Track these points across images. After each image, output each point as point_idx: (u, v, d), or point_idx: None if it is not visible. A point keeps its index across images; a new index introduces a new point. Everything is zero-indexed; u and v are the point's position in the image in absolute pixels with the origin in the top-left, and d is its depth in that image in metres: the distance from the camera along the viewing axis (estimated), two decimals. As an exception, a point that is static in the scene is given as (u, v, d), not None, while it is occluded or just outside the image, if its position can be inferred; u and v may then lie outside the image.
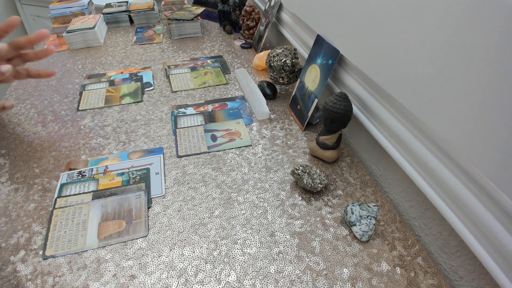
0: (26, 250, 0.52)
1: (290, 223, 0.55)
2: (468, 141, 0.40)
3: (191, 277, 0.48)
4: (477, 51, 0.37)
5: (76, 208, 0.57)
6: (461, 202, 0.43)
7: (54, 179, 0.64)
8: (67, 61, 1.11)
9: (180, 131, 0.76)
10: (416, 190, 0.55)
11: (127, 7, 1.40)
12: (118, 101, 0.88)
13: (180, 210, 0.58)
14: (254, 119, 0.80)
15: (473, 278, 0.46)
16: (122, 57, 1.13)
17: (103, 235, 0.53)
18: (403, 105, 0.51)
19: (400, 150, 0.54)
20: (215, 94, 0.90)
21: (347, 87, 0.69)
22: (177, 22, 1.23)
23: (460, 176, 0.43)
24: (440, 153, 0.46)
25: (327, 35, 0.72)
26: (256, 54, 1.08)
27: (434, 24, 0.42)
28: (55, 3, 1.37)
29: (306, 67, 0.77)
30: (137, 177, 0.63)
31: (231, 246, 0.52)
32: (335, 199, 0.59)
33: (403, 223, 0.55)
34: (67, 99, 0.90)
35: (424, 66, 0.45)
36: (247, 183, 0.63)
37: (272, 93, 0.87)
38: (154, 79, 0.98)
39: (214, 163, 0.68)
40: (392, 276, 0.47)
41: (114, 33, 1.32)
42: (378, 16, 0.53)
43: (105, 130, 0.78)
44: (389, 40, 0.51)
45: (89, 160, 0.68)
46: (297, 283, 0.47)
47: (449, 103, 0.42)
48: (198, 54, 1.13)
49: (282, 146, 0.72)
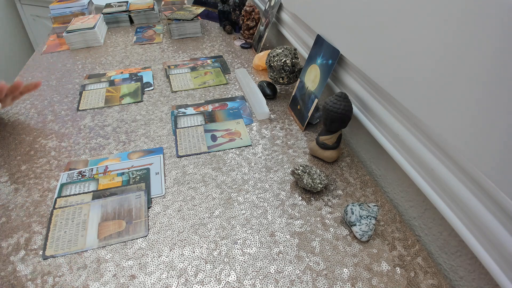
0: (26, 250, 0.52)
1: (290, 223, 0.55)
2: (468, 141, 0.40)
3: (191, 277, 0.48)
4: (478, 50, 0.37)
5: (76, 208, 0.57)
6: (461, 202, 0.43)
7: (54, 179, 0.64)
8: (67, 61, 1.11)
9: (180, 131, 0.76)
10: (416, 190, 0.55)
11: (127, 7, 1.40)
12: (118, 101, 0.88)
13: (180, 210, 0.58)
14: (254, 119, 0.80)
15: (473, 278, 0.46)
16: (122, 57, 1.13)
17: (103, 235, 0.53)
18: (403, 105, 0.51)
19: (400, 150, 0.54)
20: (215, 94, 0.90)
21: (347, 87, 0.69)
22: (177, 22, 1.23)
23: (460, 176, 0.43)
24: (440, 153, 0.46)
25: (327, 35, 0.72)
26: (256, 54, 1.08)
27: (434, 24, 0.42)
28: (55, 3, 1.37)
29: (306, 67, 0.77)
30: (137, 177, 0.63)
31: (231, 246, 0.52)
32: (335, 199, 0.59)
33: (403, 223, 0.55)
34: (67, 99, 0.90)
35: (424, 66, 0.45)
36: (247, 183, 0.63)
37: (272, 93, 0.87)
38: (154, 79, 0.99)
39: (214, 163, 0.68)
40: (392, 276, 0.47)
41: (114, 33, 1.32)
42: (378, 16, 0.53)
43: (105, 130, 0.78)
44: (389, 40, 0.51)
45: (89, 160, 0.68)
46: (297, 283, 0.47)
47: (449, 103, 0.42)
48: (198, 54, 1.13)
49: (282, 146, 0.72)
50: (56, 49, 1.19)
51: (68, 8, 1.35)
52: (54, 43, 1.24)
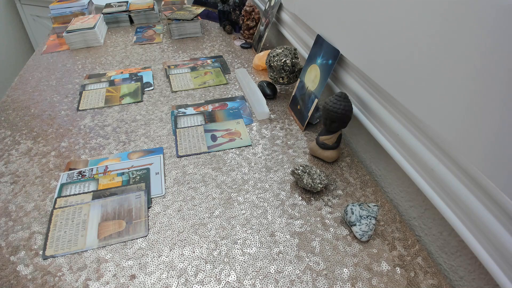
0: (26, 250, 0.52)
1: (290, 223, 0.55)
2: (468, 140, 0.40)
3: (191, 277, 0.48)
4: (479, 51, 0.37)
5: (76, 208, 0.57)
6: (461, 202, 0.43)
7: (54, 179, 0.64)
8: (67, 61, 1.11)
9: (180, 131, 0.76)
10: (416, 190, 0.55)
11: (127, 7, 1.40)
12: (118, 101, 0.88)
13: (180, 210, 0.58)
14: (254, 119, 0.80)
15: (473, 278, 0.46)
16: (122, 57, 1.13)
17: (103, 235, 0.53)
18: (403, 105, 0.51)
19: (400, 150, 0.54)
20: (215, 94, 0.90)
21: (347, 87, 0.69)
22: (177, 22, 1.23)
23: (460, 176, 0.43)
24: (440, 153, 0.46)
25: (327, 35, 0.72)
26: (256, 54, 1.08)
27: (434, 24, 0.42)
28: (55, 3, 1.37)
29: (306, 67, 0.77)
30: (137, 177, 0.63)
31: (231, 246, 0.52)
32: (335, 199, 0.59)
33: (403, 223, 0.55)
34: (67, 99, 0.90)
35: (424, 65, 0.45)
36: (247, 183, 0.63)
37: (272, 93, 0.87)
38: (154, 79, 0.98)
39: (214, 163, 0.68)
40: (392, 276, 0.47)
41: (114, 33, 1.32)
42: (378, 16, 0.53)
43: (105, 130, 0.78)
44: (389, 40, 0.51)
45: (89, 160, 0.68)
46: (297, 283, 0.47)
47: (449, 103, 0.42)
48: (198, 54, 1.13)
49: (282, 146, 0.72)
50: (56, 49, 1.19)
51: (68, 8, 1.35)
52: (54, 43, 1.24)
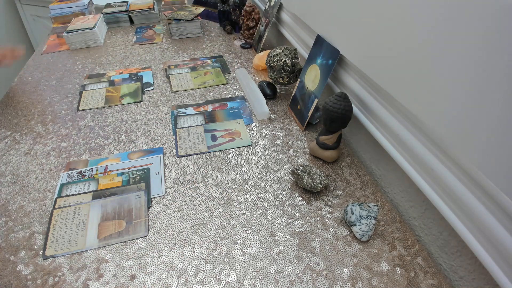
0: (26, 250, 0.52)
1: (290, 223, 0.55)
2: (468, 140, 0.40)
3: (191, 277, 0.48)
4: (479, 51, 0.37)
5: (76, 208, 0.57)
6: (461, 202, 0.43)
7: (54, 179, 0.64)
8: (67, 61, 1.11)
9: (180, 131, 0.76)
10: (416, 190, 0.55)
11: (127, 7, 1.40)
12: (118, 101, 0.88)
13: (180, 210, 0.58)
14: (254, 119, 0.80)
15: (473, 278, 0.46)
16: (122, 57, 1.13)
17: (103, 235, 0.53)
18: (403, 105, 0.51)
19: (400, 150, 0.54)
20: (215, 94, 0.90)
21: (347, 87, 0.69)
22: (177, 22, 1.23)
23: (460, 176, 0.43)
24: (440, 153, 0.46)
25: (327, 35, 0.72)
26: (256, 54, 1.08)
27: (434, 24, 0.42)
28: (55, 3, 1.37)
29: (306, 67, 0.77)
30: (137, 177, 0.63)
31: (231, 246, 0.52)
32: (335, 199, 0.59)
33: (403, 223, 0.55)
34: (67, 99, 0.90)
35: (424, 65, 0.45)
36: (247, 183, 0.63)
37: (272, 93, 0.87)
38: (154, 79, 0.98)
39: (214, 163, 0.68)
40: (392, 276, 0.47)
41: (114, 33, 1.32)
42: (378, 16, 0.53)
43: (105, 130, 0.78)
44: (389, 40, 0.51)
45: (89, 160, 0.68)
46: (297, 283, 0.47)
47: (449, 103, 0.42)
48: (198, 54, 1.13)
49: (282, 146, 0.72)
50: (56, 49, 1.19)
51: (68, 8, 1.35)
52: (54, 43, 1.24)
